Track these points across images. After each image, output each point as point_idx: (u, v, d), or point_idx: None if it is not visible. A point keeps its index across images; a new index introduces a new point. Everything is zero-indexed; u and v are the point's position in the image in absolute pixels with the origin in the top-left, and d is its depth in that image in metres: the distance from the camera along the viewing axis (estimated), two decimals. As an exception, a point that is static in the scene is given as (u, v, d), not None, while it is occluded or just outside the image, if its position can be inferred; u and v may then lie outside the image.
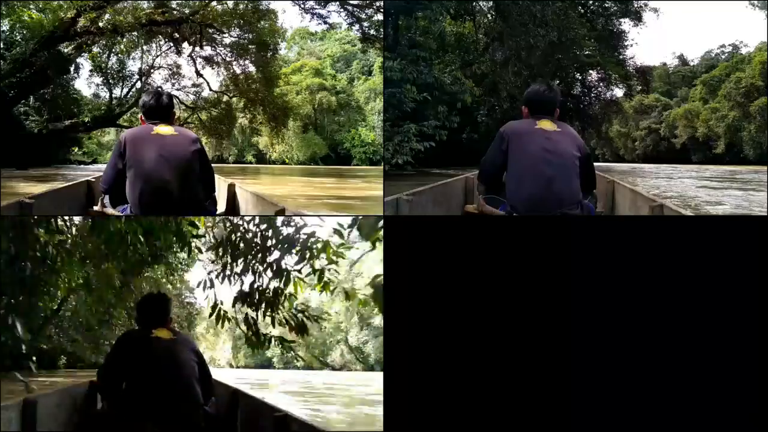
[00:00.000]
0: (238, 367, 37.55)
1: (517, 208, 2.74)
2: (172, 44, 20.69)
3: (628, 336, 2.38)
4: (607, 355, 2.38)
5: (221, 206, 4.04)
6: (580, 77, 29.31)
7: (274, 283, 3.46)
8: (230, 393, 3.34)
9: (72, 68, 20.56)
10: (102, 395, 2.62)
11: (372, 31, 20.83)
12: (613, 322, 2.39)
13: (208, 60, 21.41)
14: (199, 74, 22.20)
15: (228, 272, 3.63)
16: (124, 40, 19.67)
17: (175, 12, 19.07)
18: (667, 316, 2.37)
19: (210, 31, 19.72)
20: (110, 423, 2.53)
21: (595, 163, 3.06)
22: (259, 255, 3.49)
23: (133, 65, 25.74)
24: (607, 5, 28.32)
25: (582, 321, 2.39)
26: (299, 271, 3.38)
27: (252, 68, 21.65)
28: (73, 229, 3.74)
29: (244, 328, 3.58)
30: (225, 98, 22.65)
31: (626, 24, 28.98)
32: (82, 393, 3.27)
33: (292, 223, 3.41)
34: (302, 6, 21.36)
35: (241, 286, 3.60)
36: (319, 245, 3.27)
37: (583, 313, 2.39)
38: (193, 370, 2.54)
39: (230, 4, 19.79)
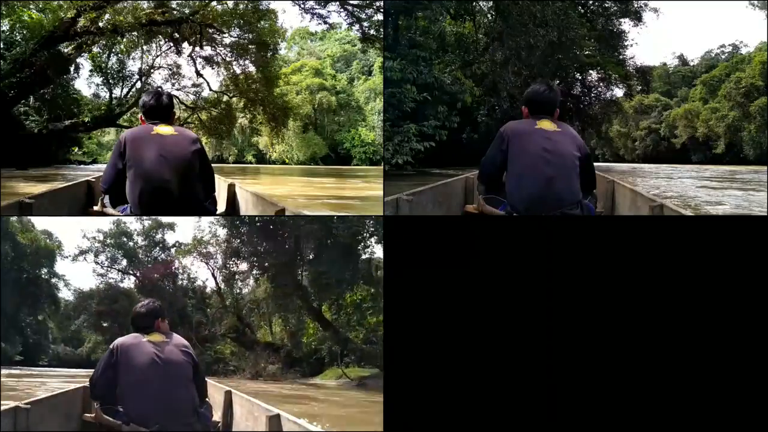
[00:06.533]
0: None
1: (516, 208, 2.74)
2: (172, 44, 20.68)
3: (629, 336, 2.38)
4: (607, 354, 2.38)
5: (221, 206, 4.04)
6: (580, 77, 29.28)
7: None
8: (224, 394, 3.34)
9: (72, 68, 20.56)
10: (95, 400, 2.62)
11: (372, 31, 20.81)
12: (613, 322, 2.38)
13: (208, 60, 21.40)
14: (199, 74, 22.21)
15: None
16: (124, 40, 19.65)
17: (175, 12, 19.06)
18: (667, 315, 2.37)
19: (210, 31, 19.70)
20: (103, 427, 2.53)
21: (595, 163, 3.05)
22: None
23: (133, 65, 25.75)
24: (607, 5, 28.29)
25: (583, 321, 2.39)
26: None
27: (252, 68, 21.65)
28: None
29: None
30: (225, 98, 22.64)
31: (626, 24, 28.99)
32: (75, 398, 3.27)
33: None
34: (302, 6, 21.35)
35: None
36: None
37: (584, 313, 2.39)
38: (186, 371, 2.52)
39: (230, 4, 19.79)
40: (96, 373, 2.58)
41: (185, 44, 20.40)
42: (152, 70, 22.57)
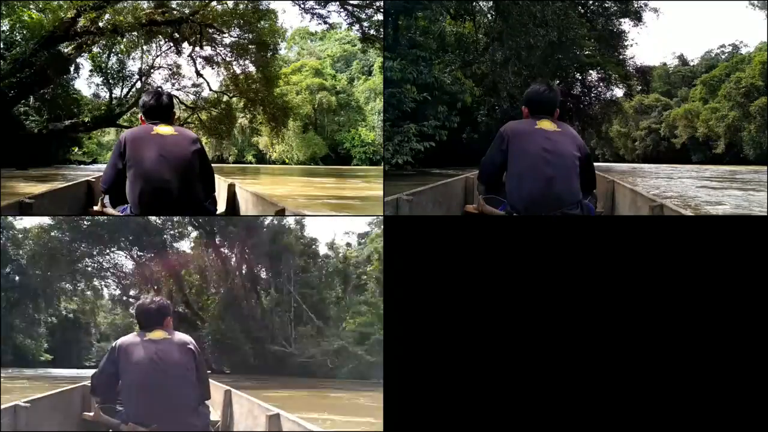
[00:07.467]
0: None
1: (517, 208, 2.75)
2: (172, 44, 20.69)
3: (629, 336, 2.38)
4: (607, 355, 2.38)
5: (221, 206, 4.04)
6: (580, 77, 29.32)
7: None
8: (223, 393, 3.34)
9: (72, 68, 20.56)
10: (95, 397, 2.62)
11: (372, 31, 20.81)
12: (613, 322, 2.38)
13: (208, 60, 21.41)
14: (199, 74, 22.21)
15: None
16: (124, 40, 19.65)
17: (175, 12, 19.06)
18: (667, 316, 2.37)
19: (210, 31, 19.71)
20: (102, 426, 2.53)
21: (595, 163, 3.05)
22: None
23: (133, 65, 25.78)
24: (607, 5, 28.32)
25: (582, 321, 2.39)
26: None
27: (252, 68, 21.65)
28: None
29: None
30: (225, 98, 22.66)
31: (626, 24, 29.04)
32: (75, 396, 3.27)
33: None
34: (302, 6, 21.34)
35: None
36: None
37: (584, 313, 2.39)
38: (185, 370, 2.49)
39: (230, 4, 19.79)
40: (98, 370, 2.58)
41: (185, 44, 20.41)
42: (152, 70, 22.57)
